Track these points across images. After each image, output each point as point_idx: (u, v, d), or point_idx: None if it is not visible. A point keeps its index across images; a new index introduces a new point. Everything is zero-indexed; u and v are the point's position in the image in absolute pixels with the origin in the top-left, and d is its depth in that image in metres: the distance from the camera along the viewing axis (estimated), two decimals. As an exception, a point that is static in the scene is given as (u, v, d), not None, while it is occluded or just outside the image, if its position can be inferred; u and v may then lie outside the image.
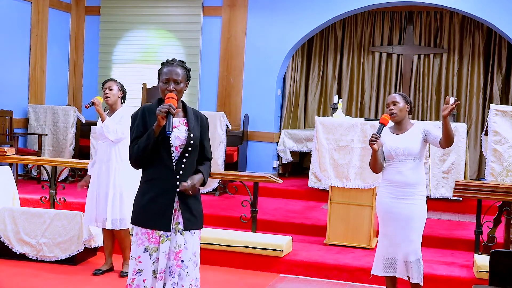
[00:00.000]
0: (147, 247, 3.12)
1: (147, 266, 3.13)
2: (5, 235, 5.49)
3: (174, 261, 3.14)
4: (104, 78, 9.58)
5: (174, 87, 3.14)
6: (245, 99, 9.06)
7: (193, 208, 3.19)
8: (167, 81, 3.15)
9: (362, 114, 9.77)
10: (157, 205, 3.12)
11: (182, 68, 3.22)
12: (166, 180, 3.12)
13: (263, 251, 5.43)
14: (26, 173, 8.65)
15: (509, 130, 5.73)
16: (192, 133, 3.16)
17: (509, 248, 5.20)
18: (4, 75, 8.44)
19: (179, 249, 3.14)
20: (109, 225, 4.93)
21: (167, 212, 3.11)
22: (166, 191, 3.12)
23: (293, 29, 8.83)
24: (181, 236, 3.15)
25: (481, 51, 9.31)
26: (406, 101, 4.22)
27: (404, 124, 4.23)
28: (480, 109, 9.32)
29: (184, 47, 9.32)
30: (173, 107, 3.00)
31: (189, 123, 3.19)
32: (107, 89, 5.01)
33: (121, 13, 9.62)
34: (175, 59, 3.25)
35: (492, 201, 5.45)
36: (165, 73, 3.17)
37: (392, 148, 4.14)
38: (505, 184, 5.45)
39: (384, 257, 4.23)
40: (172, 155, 3.12)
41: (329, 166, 6.06)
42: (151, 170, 3.15)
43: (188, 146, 3.14)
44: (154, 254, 3.13)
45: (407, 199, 4.12)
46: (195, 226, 3.20)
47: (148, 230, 3.12)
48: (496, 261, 3.85)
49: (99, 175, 4.99)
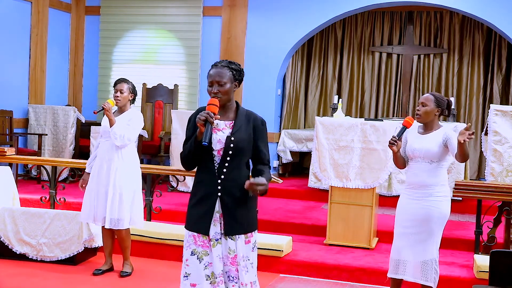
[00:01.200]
0: (194, 251, 3.11)
1: (198, 271, 3.10)
2: (5, 235, 5.49)
3: (232, 266, 3.13)
4: (104, 78, 9.62)
5: (219, 90, 3.11)
6: (245, 99, 9.05)
7: (237, 213, 3.13)
8: (211, 84, 3.14)
9: (362, 114, 9.77)
10: (199, 209, 3.12)
11: (228, 68, 3.17)
12: (209, 184, 3.12)
13: (263, 251, 5.42)
14: (26, 173, 8.65)
15: (509, 130, 5.73)
16: (233, 137, 3.10)
17: (509, 248, 5.20)
18: (4, 75, 8.44)
19: (234, 255, 3.14)
20: (107, 224, 4.92)
21: (206, 216, 3.10)
22: (208, 195, 3.11)
23: (293, 29, 8.83)
24: (232, 241, 3.14)
25: (481, 51, 9.31)
26: (438, 105, 4.11)
27: (430, 126, 4.15)
28: (480, 109, 9.32)
29: (184, 47, 9.32)
30: (211, 115, 2.96)
31: (234, 126, 3.14)
32: (118, 91, 4.98)
33: (121, 13, 9.62)
34: (222, 61, 3.22)
35: (492, 201, 5.45)
36: (210, 75, 3.16)
37: (410, 149, 4.12)
38: (505, 184, 5.45)
39: (395, 258, 4.18)
40: (214, 158, 3.11)
41: (329, 166, 6.05)
42: (199, 174, 3.18)
43: (229, 150, 3.09)
44: (205, 258, 3.11)
45: (423, 200, 4.06)
46: (236, 232, 3.14)
47: (193, 233, 3.13)
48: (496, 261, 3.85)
49: (100, 173, 4.97)
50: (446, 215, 4.10)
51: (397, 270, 4.17)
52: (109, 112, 4.88)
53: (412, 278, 4.12)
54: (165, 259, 5.59)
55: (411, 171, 4.15)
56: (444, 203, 4.08)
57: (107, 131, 4.95)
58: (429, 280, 4.07)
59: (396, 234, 4.22)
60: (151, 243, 5.69)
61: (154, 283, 4.98)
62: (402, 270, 4.14)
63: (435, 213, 4.06)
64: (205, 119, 2.96)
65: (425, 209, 4.06)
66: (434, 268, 4.08)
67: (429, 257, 4.07)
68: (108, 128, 4.94)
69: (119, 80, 5.07)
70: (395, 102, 9.74)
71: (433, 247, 4.09)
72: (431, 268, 4.07)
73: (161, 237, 5.67)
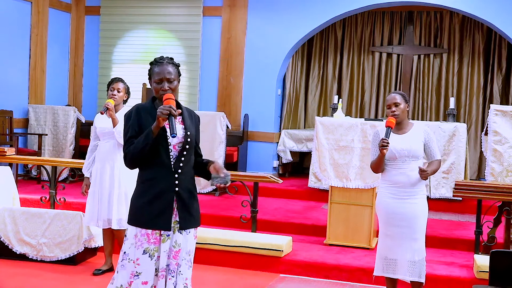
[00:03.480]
0: (147, 249, 3.09)
1: (148, 268, 3.09)
2: (5, 235, 5.49)
3: (173, 260, 3.12)
4: (104, 78, 9.61)
5: (169, 86, 3.12)
6: (245, 99, 9.06)
7: (191, 206, 3.17)
8: (160, 81, 3.13)
9: (362, 114, 9.77)
10: (157, 205, 3.09)
11: (172, 65, 3.18)
12: (166, 180, 3.10)
13: (263, 251, 5.43)
14: (26, 173, 8.65)
15: (509, 130, 5.73)
16: (189, 131, 3.15)
17: (509, 248, 5.21)
18: (4, 75, 8.44)
19: (178, 248, 3.13)
20: (115, 225, 4.91)
21: (167, 211, 3.09)
22: (166, 191, 3.10)
23: (293, 29, 8.83)
24: (180, 235, 3.14)
25: (481, 51, 9.30)
26: (406, 101, 4.21)
27: (404, 124, 4.21)
28: (480, 109, 9.32)
29: (184, 47, 9.32)
30: (174, 109, 2.98)
31: (184, 121, 3.18)
32: (115, 90, 4.97)
33: (121, 13, 9.62)
34: (163, 57, 3.21)
35: (492, 201, 5.45)
36: (157, 73, 3.14)
37: (396, 150, 4.10)
38: (505, 184, 5.46)
39: (386, 257, 4.20)
40: (170, 154, 3.10)
41: (329, 166, 6.06)
42: (149, 170, 3.12)
43: (186, 144, 3.13)
44: (156, 254, 3.10)
45: (410, 198, 4.11)
46: (192, 225, 3.18)
47: (148, 231, 3.09)
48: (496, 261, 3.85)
49: (102, 175, 4.95)
50: (427, 211, 4.22)
51: (388, 269, 4.20)
52: (112, 111, 4.87)
53: (402, 276, 4.16)
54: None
55: (396, 170, 4.13)
56: (425, 201, 4.19)
57: (107, 132, 4.94)
58: (422, 277, 4.12)
59: (383, 234, 4.23)
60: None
61: (154, 283, 4.98)
62: (393, 269, 4.18)
63: (421, 210, 4.14)
64: (169, 113, 2.96)
65: (413, 208, 4.11)
66: (424, 264, 4.15)
67: (422, 256, 4.13)
68: (107, 129, 4.94)
69: (115, 79, 5.05)
70: (395, 102, 9.72)
71: (423, 245, 4.15)
72: (422, 265, 4.13)
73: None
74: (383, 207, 4.22)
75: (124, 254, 3.15)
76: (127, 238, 3.15)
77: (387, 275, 4.23)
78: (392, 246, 4.18)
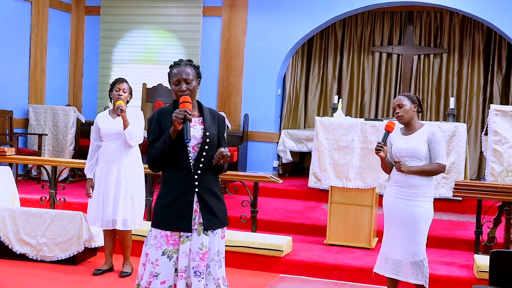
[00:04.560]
0: (165, 250, 3.11)
1: (167, 269, 3.11)
2: (5, 235, 5.49)
3: (201, 262, 3.12)
4: (104, 78, 9.62)
5: (187, 87, 3.13)
6: (245, 99, 9.06)
7: (214, 207, 3.17)
8: (178, 82, 3.14)
9: (362, 114, 9.77)
10: (176, 207, 3.11)
11: (190, 66, 3.19)
12: (185, 181, 3.11)
13: (263, 251, 5.43)
14: (26, 173, 8.65)
15: (509, 130, 5.73)
16: (208, 132, 3.15)
17: (509, 248, 5.20)
18: (4, 75, 8.44)
19: (206, 250, 3.13)
20: (120, 226, 4.90)
21: (187, 213, 3.10)
22: (185, 192, 3.11)
23: (293, 29, 8.83)
24: (206, 237, 3.14)
25: (481, 51, 9.31)
26: (413, 101, 4.18)
27: (413, 125, 4.20)
28: (480, 109, 9.32)
29: (184, 47, 9.32)
30: (189, 113, 2.99)
31: (204, 122, 3.18)
32: (120, 90, 4.96)
33: (121, 13, 9.62)
34: (182, 60, 3.23)
35: (492, 201, 5.45)
36: (174, 74, 3.15)
37: (397, 149, 4.13)
38: (505, 184, 5.45)
39: (387, 257, 4.21)
40: (189, 155, 3.11)
41: (329, 166, 6.05)
42: (170, 172, 3.15)
43: (205, 145, 3.12)
44: (174, 255, 3.11)
45: (409, 200, 4.10)
46: (216, 225, 3.18)
47: (167, 232, 3.11)
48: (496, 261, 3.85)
49: (108, 176, 4.92)
50: (431, 214, 4.17)
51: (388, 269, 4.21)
52: (125, 113, 4.87)
53: (404, 278, 4.16)
54: (165, 259, 5.58)
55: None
56: (429, 203, 4.15)
57: (113, 133, 4.92)
58: (420, 279, 4.11)
59: (385, 233, 4.27)
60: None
61: (154, 283, 4.98)
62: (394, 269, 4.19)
63: (422, 213, 4.11)
64: (183, 117, 2.97)
65: (413, 210, 4.10)
66: (425, 266, 4.13)
67: (420, 258, 4.12)
68: (113, 130, 4.92)
69: (120, 79, 5.03)
70: (395, 102, 9.72)
71: (423, 247, 4.14)
72: (422, 267, 4.11)
73: (161, 237, 5.66)
74: (385, 205, 4.25)
75: (145, 255, 3.18)
76: (148, 239, 3.18)
77: (387, 275, 4.24)
78: (391, 245, 4.19)
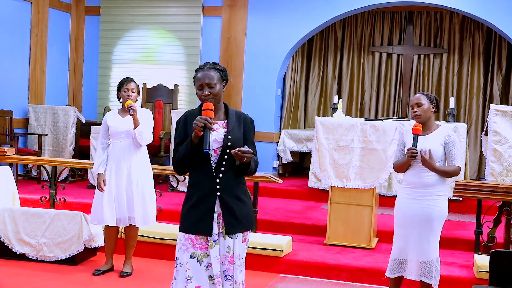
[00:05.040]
0: (193, 254, 3.10)
1: (200, 273, 3.10)
2: (5, 235, 5.49)
3: (230, 265, 3.13)
4: (104, 78, 9.62)
5: (210, 92, 3.11)
6: (245, 99, 9.06)
7: (236, 211, 3.14)
8: (201, 87, 3.13)
9: (362, 114, 9.77)
10: (198, 210, 3.11)
11: (214, 70, 3.16)
12: (207, 185, 3.10)
13: (263, 251, 5.43)
14: (26, 173, 8.65)
15: (509, 130, 5.73)
16: (230, 135, 3.12)
17: (509, 248, 5.20)
18: (4, 75, 8.44)
19: (232, 253, 3.14)
20: (139, 222, 4.97)
21: (208, 217, 3.09)
22: (207, 196, 3.10)
23: (293, 29, 8.83)
24: (230, 240, 3.14)
25: (481, 51, 9.30)
26: (431, 101, 4.14)
27: (428, 125, 4.16)
28: (480, 109, 9.32)
29: (184, 47, 9.32)
30: (209, 121, 2.97)
31: (228, 125, 3.16)
32: (129, 90, 4.97)
33: (121, 13, 9.62)
34: (207, 63, 3.20)
35: (492, 201, 5.45)
36: (198, 79, 3.14)
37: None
38: (505, 184, 5.46)
39: (395, 259, 4.20)
40: (211, 159, 3.10)
41: (329, 166, 6.05)
42: (194, 175, 3.16)
43: (226, 148, 3.10)
44: (205, 259, 3.10)
45: (424, 199, 4.08)
46: (237, 230, 3.15)
47: (191, 236, 3.11)
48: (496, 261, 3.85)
49: (118, 174, 4.93)
50: (445, 214, 4.15)
51: (400, 269, 4.19)
52: (135, 113, 4.90)
53: (414, 277, 4.14)
54: (165, 259, 5.59)
55: (412, 171, 4.14)
56: (444, 202, 4.13)
57: (121, 131, 4.94)
58: (431, 278, 4.10)
59: (397, 235, 4.22)
60: (151, 243, 5.69)
61: (154, 283, 4.98)
62: (405, 269, 4.17)
63: (436, 212, 4.09)
64: (203, 125, 2.95)
65: (426, 209, 4.07)
66: (436, 266, 4.12)
67: (432, 257, 4.10)
68: (124, 128, 4.93)
69: (128, 79, 5.04)
70: (395, 102, 9.73)
71: (435, 247, 4.12)
72: (433, 267, 4.10)
73: (161, 237, 5.67)
74: (398, 207, 4.20)
75: (176, 259, 3.18)
76: (178, 243, 3.19)
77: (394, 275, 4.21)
78: (403, 247, 4.16)
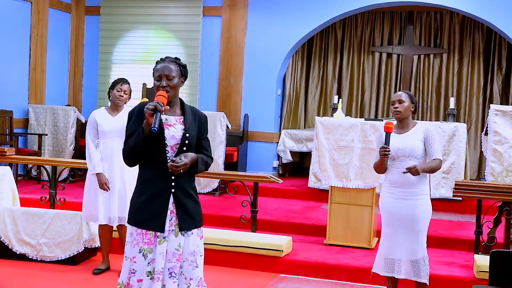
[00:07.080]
0: (141, 248, 3.10)
1: (142, 267, 3.11)
2: (5, 235, 5.49)
3: (177, 263, 3.12)
4: (104, 78, 9.62)
5: (167, 83, 3.11)
6: (245, 99, 9.06)
7: (190, 208, 3.15)
8: (159, 78, 3.14)
9: (362, 114, 9.77)
10: (151, 206, 3.10)
11: (175, 64, 3.19)
12: (161, 181, 3.10)
13: (263, 251, 5.43)
14: (26, 173, 8.65)
15: (509, 130, 5.73)
16: (188, 133, 3.13)
17: (509, 248, 5.20)
18: (4, 75, 8.44)
19: (182, 251, 3.13)
20: None
21: (162, 213, 3.09)
22: (162, 192, 3.10)
23: (293, 29, 8.83)
24: (182, 237, 3.14)
25: (481, 51, 9.30)
26: (412, 101, 4.18)
27: (406, 123, 4.20)
28: (480, 109, 9.32)
29: (184, 47, 9.32)
30: (161, 104, 2.96)
31: (185, 121, 3.16)
32: (122, 91, 4.98)
33: (121, 13, 9.62)
34: (168, 57, 3.24)
35: (492, 201, 5.45)
36: (157, 70, 3.16)
37: (393, 149, 4.09)
38: (505, 184, 5.46)
39: (386, 257, 4.23)
40: (167, 155, 3.10)
41: (329, 166, 6.05)
42: (147, 170, 3.13)
43: (183, 146, 3.11)
44: (149, 255, 3.10)
45: (410, 199, 4.11)
46: (191, 226, 3.16)
47: (142, 230, 3.10)
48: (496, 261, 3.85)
49: (112, 173, 4.93)
50: (430, 212, 4.19)
51: (389, 269, 4.22)
52: None
53: (405, 276, 4.17)
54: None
55: (396, 170, 4.14)
56: (428, 201, 4.17)
57: (113, 131, 4.94)
58: (422, 277, 4.13)
59: (384, 234, 4.26)
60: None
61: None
62: (396, 269, 4.20)
63: (422, 212, 4.13)
64: (154, 108, 2.94)
65: (412, 209, 4.11)
66: (426, 264, 4.14)
67: (421, 256, 4.13)
68: (116, 127, 4.93)
69: (123, 80, 5.03)
70: (395, 102, 9.72)
71: (423, 245, 4.15)
72: (423, 265, 4.13)
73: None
74: (383, 206, 4.24)
75: (125, 252, 3.18)
76: (127, 236, 3.18)
77: (387, 274, 4.24)
78: (391, 246, 4.20)
